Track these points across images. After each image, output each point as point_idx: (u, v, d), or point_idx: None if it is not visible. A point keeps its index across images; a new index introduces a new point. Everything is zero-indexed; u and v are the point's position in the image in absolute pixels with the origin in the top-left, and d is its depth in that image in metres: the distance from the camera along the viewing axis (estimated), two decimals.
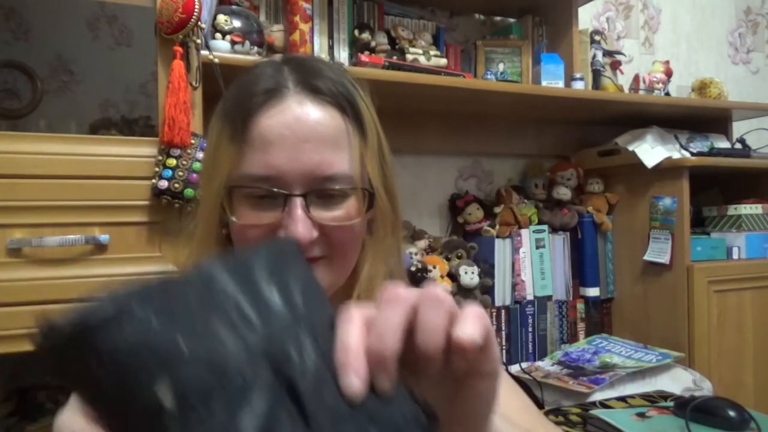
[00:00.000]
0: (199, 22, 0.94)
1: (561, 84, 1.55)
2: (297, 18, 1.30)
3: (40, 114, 1.29)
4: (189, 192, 0.93)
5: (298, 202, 0.53)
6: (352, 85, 0.59)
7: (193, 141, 0.94)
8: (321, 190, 0.54)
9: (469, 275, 1.50)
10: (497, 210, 1.64)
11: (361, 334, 0.27)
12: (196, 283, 0.26)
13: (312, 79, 0.55)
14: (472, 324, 0.28)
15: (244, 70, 0.60)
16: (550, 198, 1.74)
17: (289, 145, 0.53)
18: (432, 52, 1.43)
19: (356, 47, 1.46)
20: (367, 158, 0.57)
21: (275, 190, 0.53)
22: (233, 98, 0.57)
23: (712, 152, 1.63)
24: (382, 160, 0.60)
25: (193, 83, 0.96)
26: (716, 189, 1.86)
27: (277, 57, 0.61)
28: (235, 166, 0.54)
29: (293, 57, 0.61)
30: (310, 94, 0.55)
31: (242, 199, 0.54)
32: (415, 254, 1.50)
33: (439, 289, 0.29)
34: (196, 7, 0.92)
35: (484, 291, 1.54)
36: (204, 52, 0.99)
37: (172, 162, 0.93)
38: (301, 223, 0.52)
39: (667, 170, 1.57)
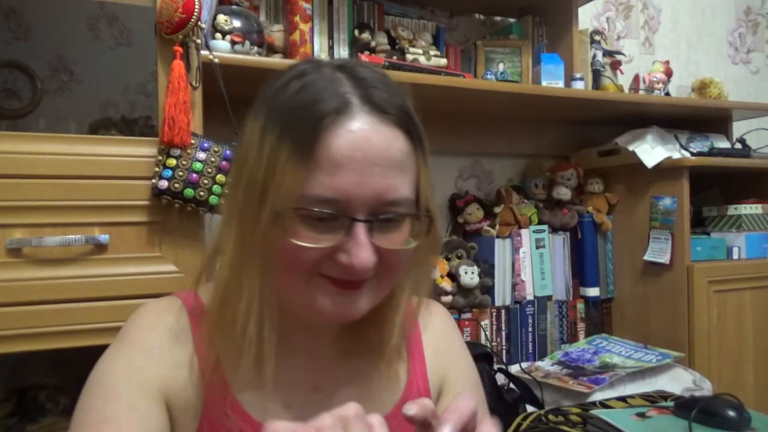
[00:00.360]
0: (199, 22, 0.94)
1: (561, 84, 1.55)
2: (297, 18, 1.30)
3: (40, 114, 1.29)
4: (189, 192, 0.93)
5: (363, 227, 0.51)
6: (407, 99, 0.57)
7: (193, 141, 0.94)
8: (383, 214, 0.53)
9: (469, 275, 1.50)
10: (497, 210, 1.64)
11: None
12: None
13: (375, 95, 0.53)
14: None
15: (244, 70, 0.60)
16: (550, 198, 1.74)
17: (358, 169, 0.50)
18: (432, 52, 1.43)
19: (356, 47, 1.46)
20: (425, 180, 0.56)
21: (341, 215, 0.51)
22: (292, 111, 0.52)
23: (712, 152, 1.63)
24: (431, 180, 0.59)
25: (193, 83, 0.96)
26: (716, 189, 1.86)
27: (325, 61, 0.57)
28: (297, 186, 0.50)
29: (343, 64, 0.56)
30: (377, 114, 0.52)
31: (299, 220, 0.51)
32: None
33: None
34: (196, 7, 0.92)
35: (484, 291, 1.54)
36: (204, 52, 0.99)
37: (172, 162, 0.93)
38: (365, 250, 0.51)
39: (667, 170, 1.57)
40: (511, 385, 1.28)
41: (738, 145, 1.76)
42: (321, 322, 0.59)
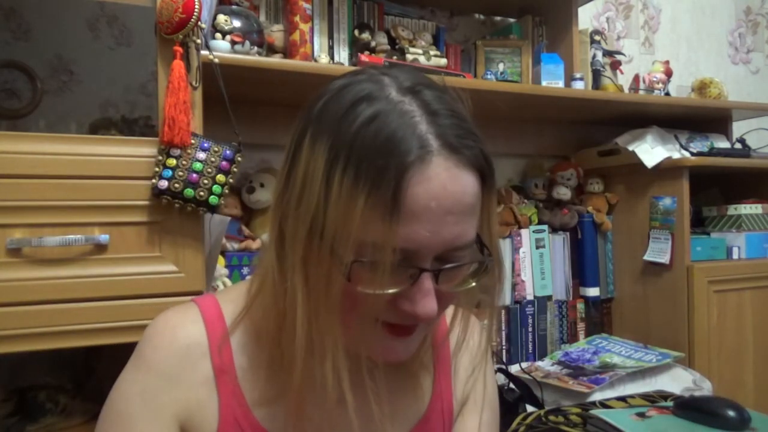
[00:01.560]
0: (199, 22, 0.94)
1: (561, 84, 1.55)
2: (297, 18, 1.30)
3: (40, 114, 1.29)
4: (189, 192, 0.93)
5: (430, 276, 0.49)
6: (471, 122, 0.53)
7: (193, 141, 0.94)
8: (449, 261, 0.50)
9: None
10: (497, 210, 1.64)
11: None
12: None
13: (450, 135, 0.49)
14: None
15: (244, 70, 0.59)
16: (550, 198, 1.74)
17: (433, 219, 0.47)
18: (432, 52, 1.43)
19: (356, 47, 1.46)
20: (494, 220, 0.54)
21: (411, 266, 0.49)
22: (368, 152, 0.47)
23: (712, 152, 1.63)
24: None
25: (193, 83, 0.95)
26: (716, 189, 1.86)
27: (386, 80, 0.52)
28: (371, 235, 0.47)
29: (411, 87, 0.51)
30: (454, 157, 0.49)
31: (370, 270, 0.48)
32: None
33: None
34: (196, 7, 0.92)
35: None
36: (204, 52, 0.99)
37: (172, 162, 0.93)
38: (430, 300, 0.49)
39: (667, 170, 1.57)
40: (511, 385, 1.28)
41: (738, 145, 1.77)
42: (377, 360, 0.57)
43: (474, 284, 0.54)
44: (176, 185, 0.92)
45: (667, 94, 1.78)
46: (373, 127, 0.48)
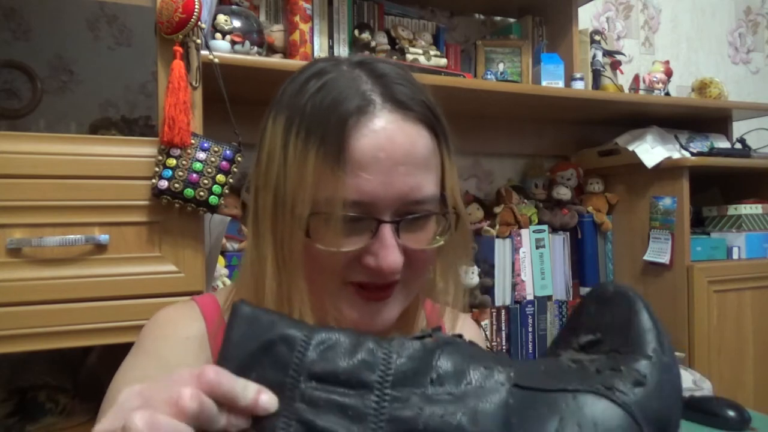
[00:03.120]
0: (199, 22, 0.94)
1: (561, 84, 1.55)
2: (297, 18, 1.30)
3: (40, 114, 1.29)
4: (189, 192, 0.93)
5: (390, 228, 0.50)
6: (430, 94, 0.56)
7: (193, 141, 0.94)
8: (409, 214, 0.51)
9: (469, 275, 1.49)
10: (497, 210, 1.64)
11: None
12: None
13: (397, 92, 0.52)
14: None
15: (244, 70, 0.59)
16: (550, 198, 1.74)
17: (383, 169, 0.49)
18: (432, 52, 1.43)
19: (356, 47, 1.46)
20: (452, 177, 0.55)
21: (367, 217, 0.50)
22: (315, 113, 0.50)
23: (712, 152, 1.63)
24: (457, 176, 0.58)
25: (193, 83, 0.95)
26: (716, 189, 1.86)
27: (342, 58, 0.56)
28: (323, 190, 0.49)
29: (362, 61, 0.55)
30: (400, 111, 0.51)
31: (326, 225, 0.49)
32: None
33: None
34: (196, 7, 0.92)
35: (484, 291, 1.54)
36: (204, 52, 0.99)
37: (172, 162, 0.93)
38: (393, 251, 0.50)
39: (667, 170, 1.57)
40: None
41: (738, 145, 1.76)
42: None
43: (442, 242, 0.54)
44: (176, 185, 0.92)
45: (667, 94, 1.78)
46: (321, 92, 0.51)
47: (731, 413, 1.06)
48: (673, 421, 0.36)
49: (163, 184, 0.92)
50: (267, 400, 0.33)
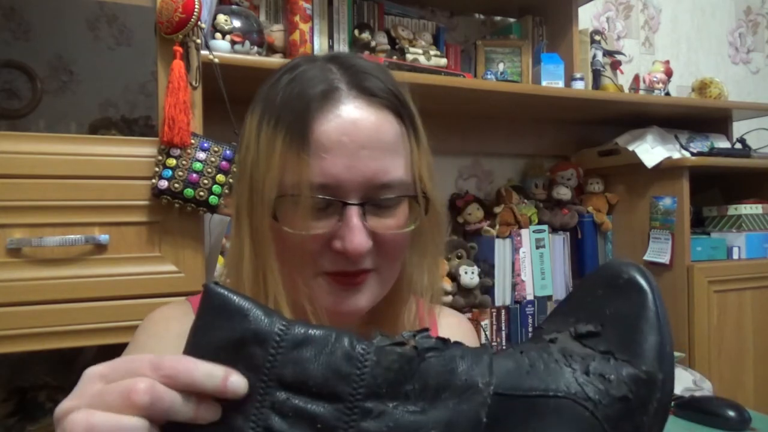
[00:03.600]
0: (199, 22, 0.94)
1: (561, 84, 1.55)
2: (297, 18, 1.30)
3: (40, 114, 1.29)
4: (189, 192, 0.93)
5: (356, 211, 0.51)
6: (401, 85, 0.57)
7: (193, 141, 0.94)
8: (377, 198, 0.52)
9: (469, 275, 1.49)
10: (497, 210, 1.64)
11: None
12: None
13: (364, 80, 0.53)
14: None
15: (243, 70, 0.59)
16: (550, 198, 1.74)
17: (347, 152, 0.50)
18: (432, 52, 1.43)
19: (356, 47, 1.46)
20: (423, 163, 0.55)
21: (332, 198, 0.51)
22: (283, 102, 0.53)
23: (712, 152, 1.63)
24: (430, 164, 0.58)
25: (193, 83, 0.95)
26: (716, 189, 1.86)
27: (319, 55, 0.58)
28: (290, 174, 0.51)
29: (336, 55, 0.57)
30: (366, 97, 0.52)
31: (294, 208, 0.51)
32: None
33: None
34: (196, 6, 0.92)
35: (484, 291, 1.54)
36: (204, 52, 0.99)
37: (172, 162, 0.93)
38: (358, 233, 0.50)
39: (667, 170, 1.57)
40: None
41: (738, 145, 1.76)
42: (330, 322, 0.58)
43: (412, 227, 0.54)
44: (176, 185, 0.92)
45: (667, 94, 1.78)
46: (291, 84, 0.53)
47: (731, 413, 1.07)
48: None
49: (163, 184, 0.92)
50: (236, 381, 0.32)
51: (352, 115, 0.51)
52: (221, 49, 1.12)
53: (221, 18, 1.16)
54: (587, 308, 0.38)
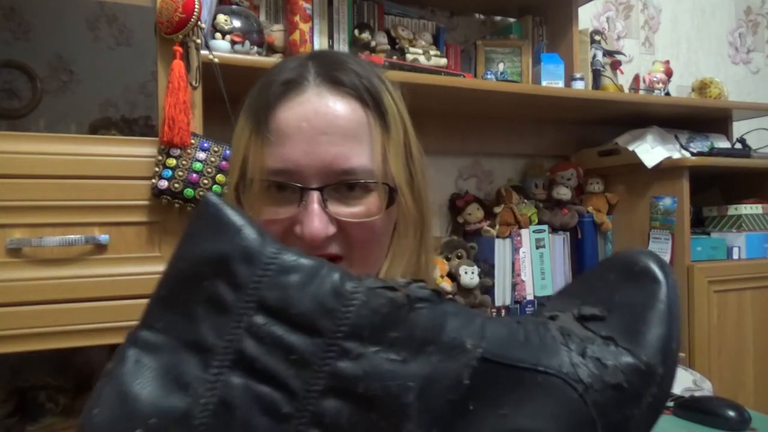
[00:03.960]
0: (199, 22, 0.94)
1: (561, 84, 1.55)
2: (297, 18, 1.30)
3: (40, 114, 1.29)
4: (189, 192, 0.93)
5: (315, 196, 0.51)
6: (380, 79, 0.57)
7: (193, 141, 0.94)
8: (338, 184, 0.52)
9: (469, 275, 1.49)
10: (497, 210, 1.64)
11: None
12: None
13: (334, 71, 0.54)
14: None
15: (243, 70, 0.60)
16: (550, 198, 1.74)
17: (305, 138, 0.51)
18: (432, 52, 1.43)
19: (356, 47, 1.46)
20: (390, 153, 0.55)
21: (290, 183, 0.51)
22: (255, 92, 0.56)
23: (712, 152, 1.63)
24: (409, 157, 0.58)
25: (193, 83, 0.95)
26: (716, 189, 1.86)
27: (306, 54, 0.60)
28: (252, 160, 0.53)
29: (320, 52, 0.59)
30: (331, 86, 0.53)
31: (259, 194, 0.52)
32: None
33: None
34: (196, 6, 0.92)
35: (484, 291, 1.54)
36: (204, 52, 0.99)
37: (172, 162, 0.93)
38: (316, 218, 0.50)
39: (667, 170, 1.57)
40: None
41: (738, 145, 1.77)
42: None
43: (377, 217, 0.53)
44: (176, 185, 0.92)
45: (667, 94, 1.78)
46: (266, 77, 0.56)
47: (731, 413, 1.06)
48: None
49: (163, 184, 0.92)
50: None
51: (313, 102, 0.52)
52: (221, 49, 1.12)
53: (221, 18, 1.16)
54: (596, 292, 0.36)
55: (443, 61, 1.44)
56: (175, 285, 0.32)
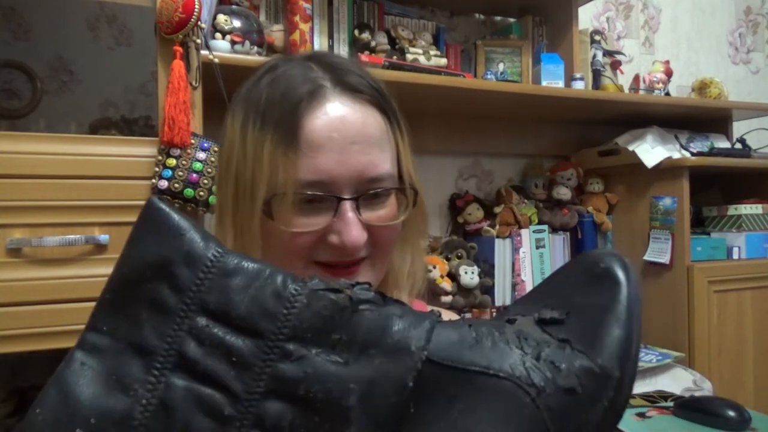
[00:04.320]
0: (199, 22, 0.94)
1: (561, 84, 1.55)
2: (297, 18, 1.30)
3: (40, 114, 1.29)
4: (189, 192, 0.93)
5: (350, 205, 0.52)
6: (380, 81, 0.58)
7: (193, 141, 0.94)
8: (368, 191, 0.53)
9: (469, 275, 1.49)
10: (497, 210, 1.64)
11: None
12: None
13: (347, 77, 0.54)
14: None
15: (243, 70, 0.59)
16: (550, 198, 1.74)
17: (337, 148, 0.51)
18: (432, 52, 1.43)
19: (356, 47, 1.46)
20: (405, 155, 0.57)
21: (327, 195, 0.52)
22: (268, 102, 0.53)
23: (712, 152, 1.63)
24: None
25: (193, 83, 0.95)
26: (716, 189, 1.86)
27: (295, 56, 0.59)
28: (283, 174, 0.51)
29: (312, 54, 0.59)
30: (351, 94, 0.54)
31: (287, 206, 0.51)
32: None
33: None
34: (196, 6, 0.92)
35: (484, 291, 1.54)
36: (204, 52, 0.99)
37: (172, 162, 0.93)
38: (354, 227, 0.52)
39: (667, 170, 1.57)
40: None
41: (738, 145, 1.77)
42: None
43: (403, 218, 0.56)
44: (176, 185, 0.92)
45: (667, 94, 1.78)
46: (274, 84, 0.54)
47: (731, 413, 1.06)
48: None
49: (163, 184, 0.92)
50: None
51: (339, 111, 0.52)
52: (221, 49, 1.12)
53: (221, 18, 1.16)
54: (559, 294, 0.35)
55: (443, 61, 1.44)
56: (120, 288, 0.33)
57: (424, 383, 0.30)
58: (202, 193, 0.94)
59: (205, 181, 0.94)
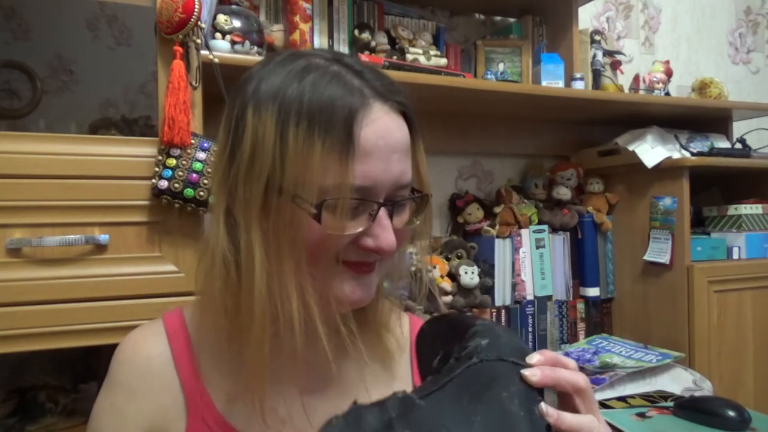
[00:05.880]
0: (199, 22, 0.94)
1: (561, 84, 1.55)
2: (297, 18, 1.30)
3: (40, 114, 1.29)
4: (189, 192, 0.93)
5: (386, 211, 0.55)
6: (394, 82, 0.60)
7: (193, 141, 0.94)
8: (397, 198, 0.56)
9: (469, 275, 1.50)
10: (497, 210, 1.64)
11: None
12: None
13: (378, 86, 0.56)
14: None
15: (243, 70, 0.59)
16: (550, 198, 1.74)
17: (383, 156, 0.53)
18: (432, 52, 1.43)
19: (356, 47, 1.46)
20: (423, 162, 0.60)
21: (369, 200, 0.54)
22: (316, 105, 0.52)
23: (712, 152, 1.63)
24: None
25: (193, 83, 0.95)
26: (716, 189, 1.86)
27: (318, 52, 0.58)
28: (331, 177, 0.51)
29: (336, 55, 0.58)
30: (386, 103, 0.55)
31: (340, 211, 0.52)
32: (415, 254, 1.50)
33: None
34: (196, 6, 0.92)
35: (484, 291, 1.54)
36: (204, 52, 0.99)
37: (172, 162, 0.93)
38: (390, 232, 0.55)
39: (667, 170, 1.57)
40: None
41: (738, 145, 1.77)
42: (336, 310, 0.58)
43: (418, 222, 0.60)
44: (176, 185, 0.92)
45: (667, 94, 1.78)
46: (315, 87, 0.53)
47: (731, 413, 1.07)
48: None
49: (163, 184, 0.92)
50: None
51: (383, 120, 0.54)
52: (221, 49, 1.12)
53: (221, 18, 1.16)
54: (433, 351, 0.51)
55: (443, 61, 1.44)
56: None
57: None
58: (202, 193, 0.94)
59: (206, 181, 0.94)
